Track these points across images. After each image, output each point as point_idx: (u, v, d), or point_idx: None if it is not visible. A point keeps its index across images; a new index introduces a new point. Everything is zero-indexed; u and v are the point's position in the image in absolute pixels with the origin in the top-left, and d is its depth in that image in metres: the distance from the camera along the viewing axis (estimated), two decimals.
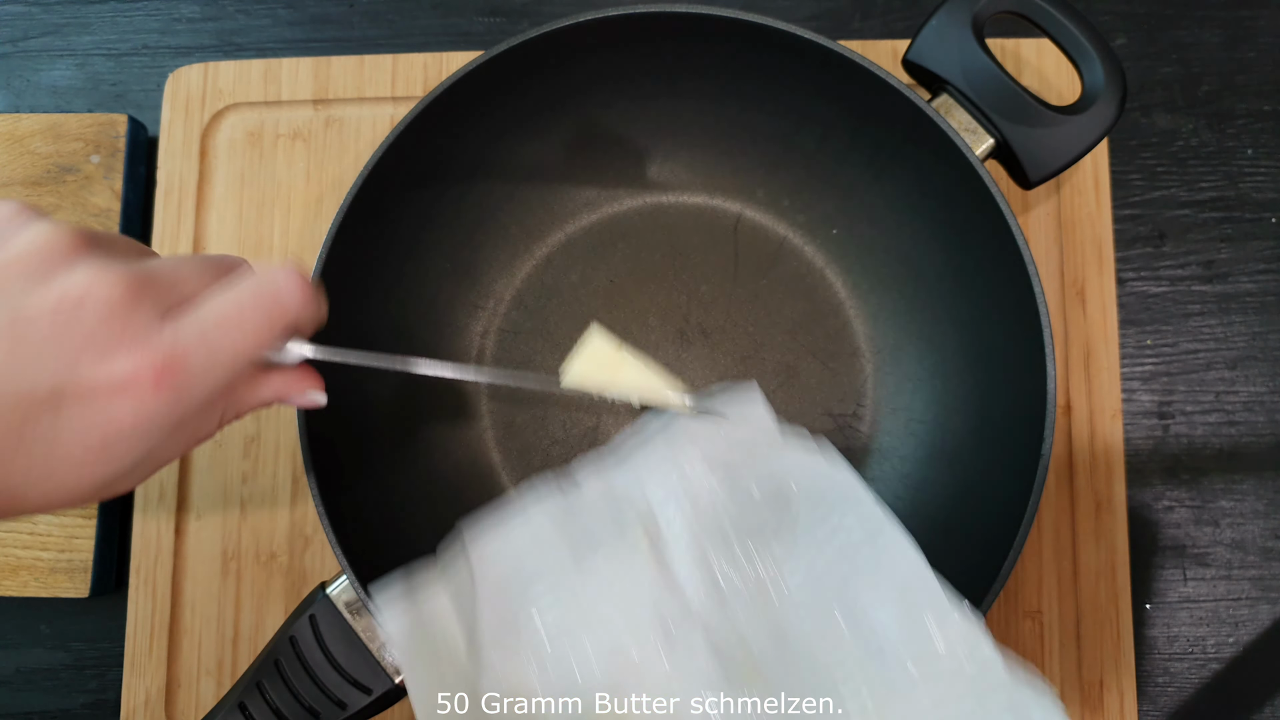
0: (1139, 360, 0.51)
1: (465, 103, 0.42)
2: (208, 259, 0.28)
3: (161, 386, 0.24)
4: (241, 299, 0.27)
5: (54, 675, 0.50)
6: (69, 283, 0.24)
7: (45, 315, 0.23)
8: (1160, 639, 0.48)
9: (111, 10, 0.56)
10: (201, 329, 0.26)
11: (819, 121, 0.46)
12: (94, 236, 0.26)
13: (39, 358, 0.23)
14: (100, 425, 0.24)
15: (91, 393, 0.24)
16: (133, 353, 0.24)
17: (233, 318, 0.26)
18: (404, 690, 0.40)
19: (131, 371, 0.24)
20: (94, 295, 0.24)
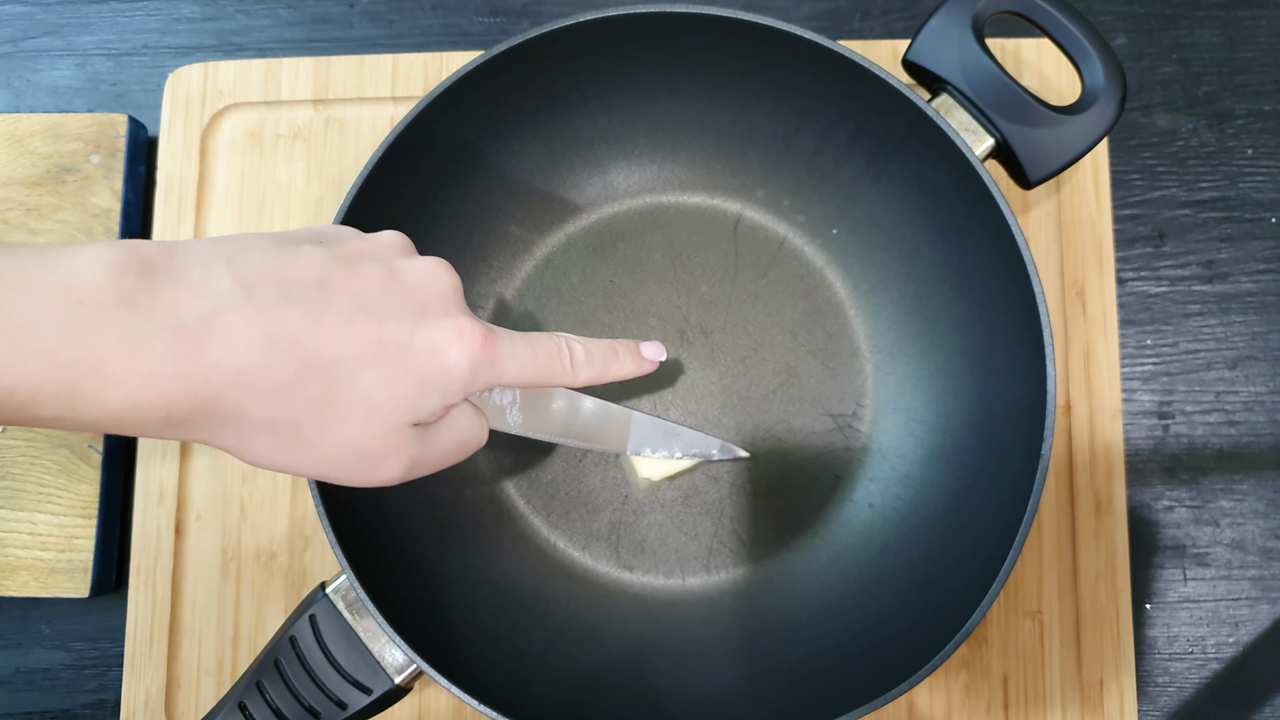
0: (1139, 360, 0.51)
1: (465, 103, 0.42)
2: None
3: (486, 348, 0.32)
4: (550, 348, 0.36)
5: (54, 675, 0.50)
6: (423, 262, 0.32)
7: (410, 278, 0.31)
8: (1160, 639, 0.48)
9: (111, 10, 0.56)
10: (513, 339, 0.34)
11: (819, 121, 0.46)
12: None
13: (403, 304, 0.31)
14: (435, 360, 0.31)
15: (437, 336, 0.31)
16: (470, 318, 0.32)
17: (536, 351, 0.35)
18: (404, 690, 0.40)
19: (468, 331, 0.31)
20: (440, 276, 0.32)
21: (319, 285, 0.29)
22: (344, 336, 0.29)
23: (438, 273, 0.32)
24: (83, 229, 0.51)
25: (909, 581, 0.43)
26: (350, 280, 0.30)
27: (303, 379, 0.28)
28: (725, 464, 0.48)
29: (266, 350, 0.28)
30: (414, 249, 0.34)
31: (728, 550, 0.47)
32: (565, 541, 0.48)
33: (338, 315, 0.29)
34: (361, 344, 0.29)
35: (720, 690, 0.44)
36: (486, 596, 0.45)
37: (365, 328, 0.29)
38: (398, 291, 0.31)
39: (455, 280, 0.33)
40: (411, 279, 0.31)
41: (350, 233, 0.33)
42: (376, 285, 0.30)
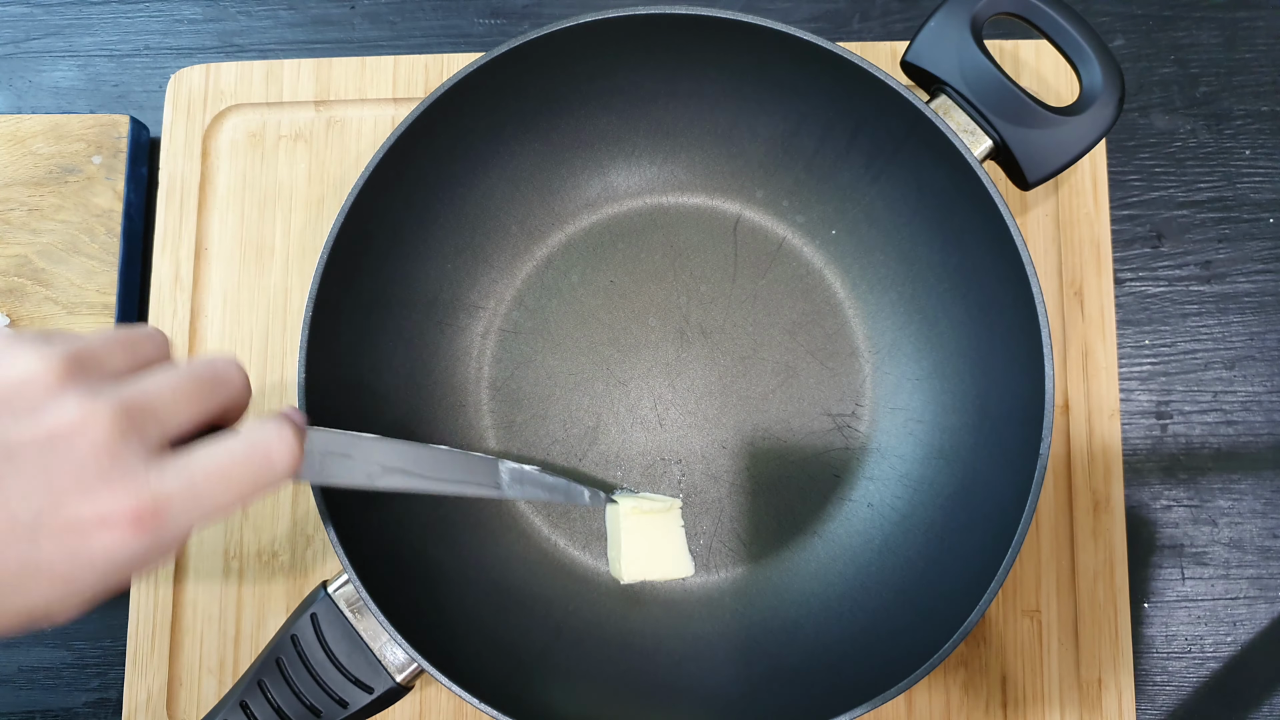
0: (1137, 360, 0.51)
1: (466, 104, 0.43)
2: (198, 378, 0.28)
3: (141, 530, 0.25)
4: (234, 456, 0.28)
5: (56, 674, 0.50)
6: (58, 416, 0.25)
7: (32, 448, 0.24)
8: (1158, 638, 0.49)
9: (113, 11, 0.56)
10: (190, 479, 0.26)
11: (818, 122, 0.46)
12: (82, 360, 0.26)
13: (23, 489, 0.24)
14: (73, 557, 0.25)
15: (71, 527, 0.25)
16: (117, 493, 0.25)
17: (221, 473, 0.27)
18: (405, 689, 0.40)
19: (113, 512, 0.25)
20: (83, 431, 0.25)
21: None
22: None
23: (76, 423, 0.25)
24: (84, 229, 0.51)
25: (907, 580, 0.44)
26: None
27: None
28: (725, 463, 0.48)
29: None
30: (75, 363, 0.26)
31: (727, 550, 0.47)
32: (565, 541, 0.48)
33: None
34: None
35: (720, 689, 0.44)
36: (487, 596, 0.45)
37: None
38: (13, 475, 0.24)
39: (105, 416, 0.25)
40: (35, 448, 0.24)
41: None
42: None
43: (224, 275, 0.51)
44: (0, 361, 0.25)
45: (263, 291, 0.51)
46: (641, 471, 0.48)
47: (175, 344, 0.50)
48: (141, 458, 0.26)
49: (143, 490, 0.25)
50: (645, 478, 0.48)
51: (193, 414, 0.28)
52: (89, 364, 0.26)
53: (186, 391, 0.28)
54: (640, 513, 0.45)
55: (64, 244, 0.51)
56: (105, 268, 0.50)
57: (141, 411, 0.26)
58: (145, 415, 0.26)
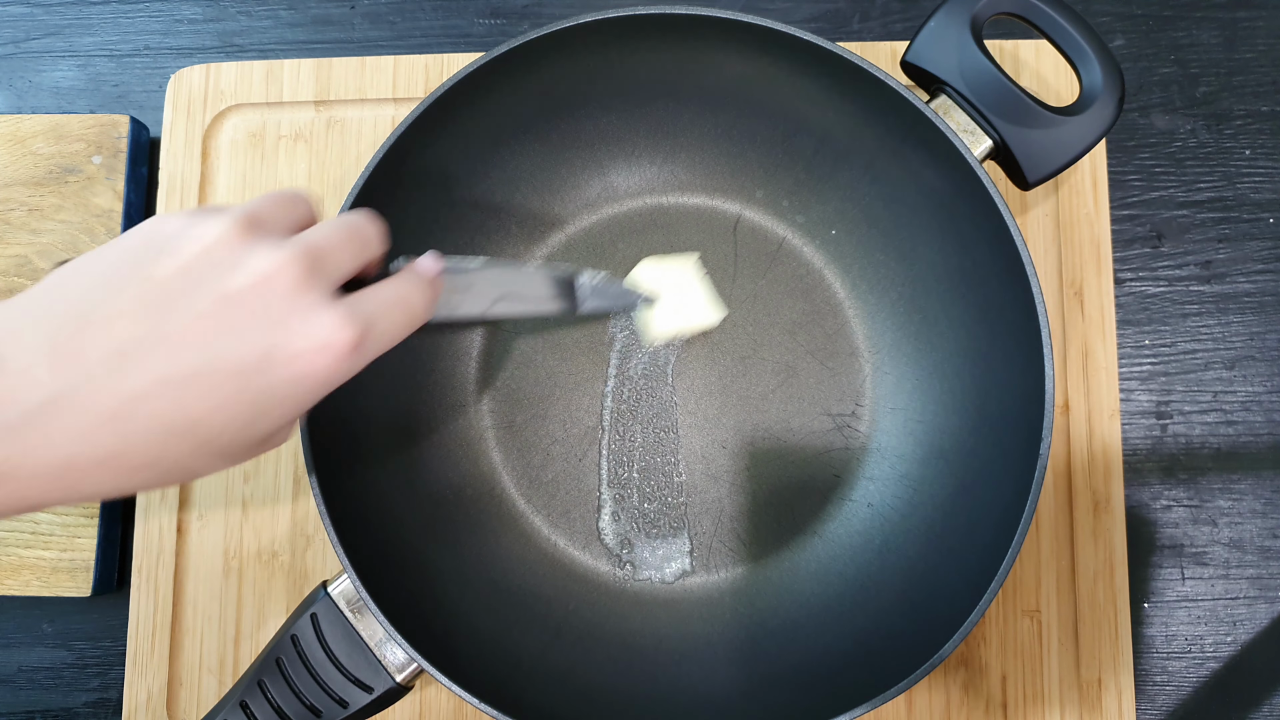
0: (1137, 360, 0.51)
1: (466, 104, 0.43)
2: (353, 230, 0.32)
3: (354, 351, 0.29)
4: (392, 298, 0.33)
5: (56, 674, 0.50)
6: (254, 265, 0.28)
7: (245, 294, 0.28)
8: (1158, 638, 0.49)
9: (113, 11, 0.56)
10: (375, 306, 0.31)
11: (818, 123, 0.46)
12: (256, 219, 0.30)
13: (251, 329, 0.28)
14: (302, 379, 0.29)
15: (296, 355, 0.28)
16: (329, 322, 0.29)
17: (395, 307, 0.32)
18: (405, 688, 0.40)
19: (331, 337, 0.29)
20: (280, 274, 0.28)
21: (151, 346, 0.27)
22: (199, 399, 0.28)
23: (275, 268, 0.28)
24: (85, 229, 0.51)
25: (908, 580, 0.44)
26: (185, 326, 0.27)
27: (169, 443, 0.28)
28: (725, 463, 0.48)
29: (121, 433, 0.27)
30: (250, 224, 0.30)
31: (727, 549, 0.47)
32: (565, 541, 0.48)
33: (184, 379, 0.27)
34: (222, 397, 0.28)
35: (720, 689, 0.44)
36: (486, 596, 0.45)
37: (218, 384, 0.28)
38: (238, 319, 0.28)
39: (294, 261, 0.29)
40: (248, 292, 0.28)
41: (172, 234, 0.29)
42: (214, 321, 0.28)
43: None
44: (192, 231, 0.29)
45: None
46: (641, 471, 0.48)
47: None
48: (327, 295, 0.30)
49: (350, 315, 0.29)
50: (644, 476, 0.48)
51: (353, 261, 0.32)
52: (262, 222, 0.30)
53: (345, 240, 0.32)
54: (659, 271, 0.46)
55: (64, 244, 0.51)
56: None
57: (319, 256, 0.30)
58: (322, 259, 0.30)
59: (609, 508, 0.48)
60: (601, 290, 0.44)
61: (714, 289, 0.46)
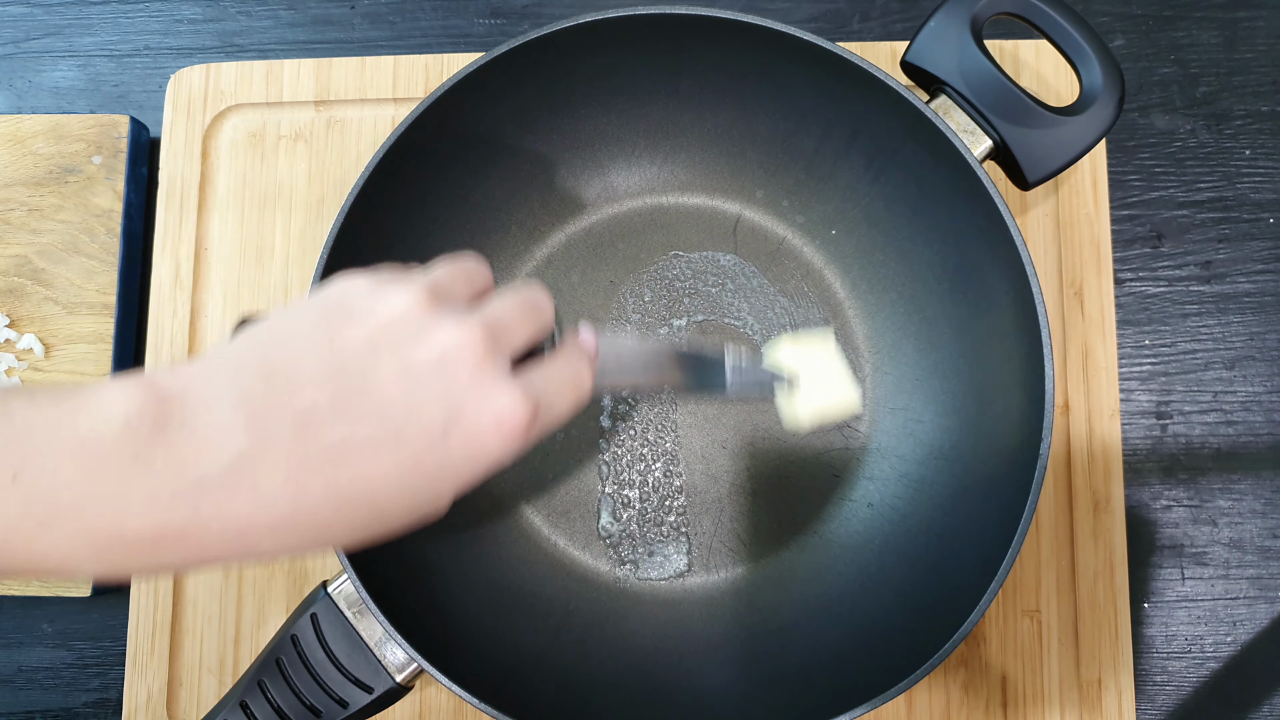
0: (1137, 360, 0.51)
1: (466, 104, 0.43)
2: (528, 304, 0.32)
3: (529, 429, 0.29)
4: (562, 375, 0.32)
5: (56, 674, 0.50)
6: (439, 339, 0.29)
7: (431, 367, 0.28)
8: (1158, 638, 0.49)
9: (113, 11, 0.56)
10: (547, 386, 0.31)
11: (818, 123, 0.46)
12: (440, 291, 0.30)
13: (433, 401, 0.28)
14: (477, 455, 0.29)
15: (473, 431, 0.28)
16: (506, 399, 0.29)
17: (566, 384, 0.32)
18: (405, 688, 0.40)
19: (508, 415, 0.29)
20: (463, 349, 0.29)
21: (334, 413, 0.27)
22: (375, 469, 0.27)
23: (459, 343, 0.29)
24: (85, 229, 0.51)
25: (908, 580, 0.44)
26: (367, 395, 0.28)
27: (342, 510, 0.27)
28: (725, 463, 0.48)
29: (297, 497, 0.26)
30: (435, 295, 0.30)
31: (727, 549, 0.47)
32: (565, 541, 0.48)
33: (363, 447, 0.27)
34: (398, 469, 0.28)
35: (720, 688, 0.44)
36: (486, 596, 0.45)
37: (394, 455, 0.28)
38: (421, 391, 0.28)
39: (478, 336, 0.29)
40: (432, 366, 0.28)
41: (360, 301, 0.29)
42: (396, 391, 0.28)
43: (224, 275, 0.51)
44: (380, 299, 0.29)
45: (263, 291, 0.51)
46: (641, 471, 0.48)
47: (178, 343, 0.50)
48: (505, 370, 0.30)
49: (527, 394, 0.29)
50: (644, 477, 0.48)
51: (526, 335, 0.32)
52: (446, 293, 0.30)
53: (522, 315, 0.32)
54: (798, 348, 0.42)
55: (64, 244, 0.51)
56: (105, 268, 0.50)
57: (499, 331, 0.30)
58: (499, 334, 0.30)
59: (609, 508, 0.48)
60: (745, 371, 0.40)
61: (849, 370, 0.42)
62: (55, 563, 0.24)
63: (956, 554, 0.42)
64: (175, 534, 0.25)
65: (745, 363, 0.40)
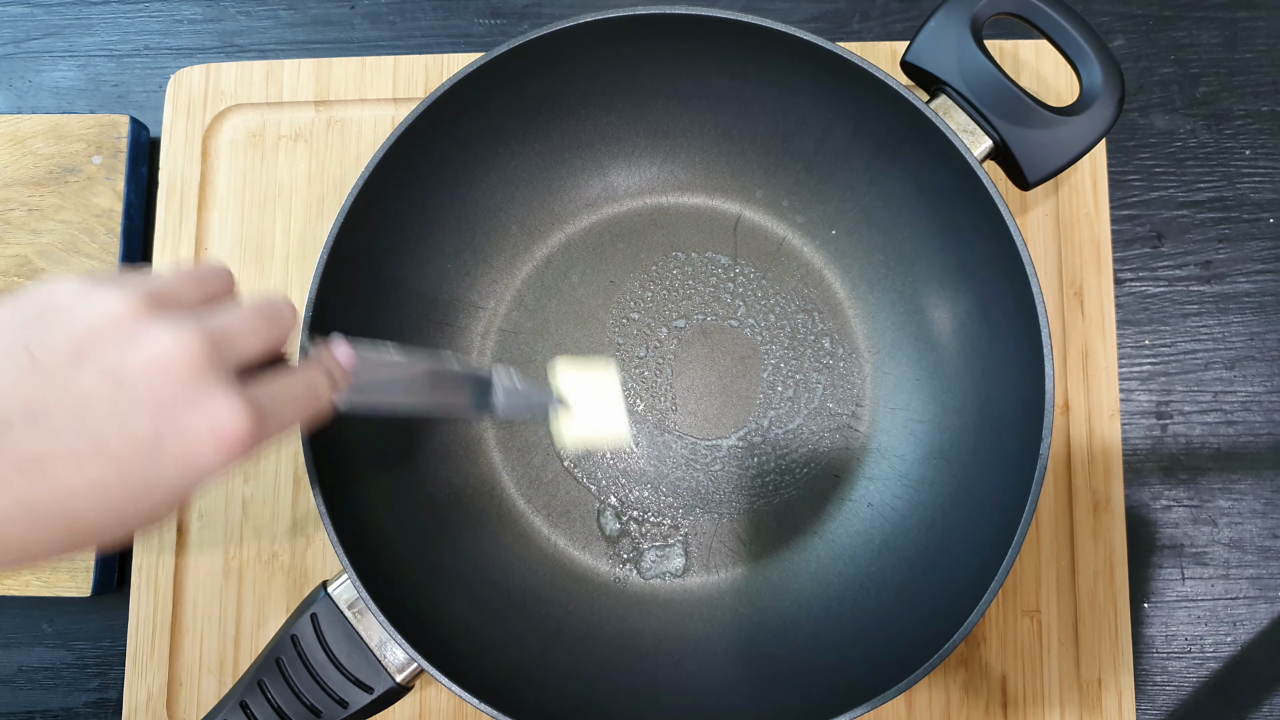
0: (1137, 360, 0.51)
1: (466, 104, 0.43)
2: (263, 314, 0.31)
3: (248, 440, 0.28)
4: (295, 388, 0.31)
5: (56, 674, 0.50)
6: (154, 344, 0.27)
7: (139, 374, 0.27)
8: (1158, 638, 0.49)
9: (113, 11, 0.56)
10: (273, 397, 0.30)
11: (818, 123, 0.46)
12: (160, 295, 0.29)
13: (141, 409, 0.27)
14: (186, 468, 0.27)
15: (185, 440, 0.27)
16: (223, 408, 0.28)
17: (288, 399, 0.31)
18: (405, 689, 0.40)
19: (223, 424, 0.27)
20: (177, 355, 0.27)
21: (28, 423, 0.25)
22: (78, 480, 0.26)
23: (173, 349, 0.27)
24: (84, 229, 0.51)
25: (908, 580, 0.44)
26: (67, 404, 0.26)
27: (35, 525, 0.26)
28: (724, 462, 0.48)
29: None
30: (152, 300, 0.28)
31: (727, 550, 0.47)
32: (565, 541, 0.48)
33: (62, 460, 0.26)
34: (101, 482, 0.26)
35: (720, 689, 0.44)
36: (486, 596, 0.45)
37: (97, 469, 0.26)
38: (128, 400, 0.26)
39: (195, 343, 0.27)
40: (142, 373, 0.27)
41: (66, 303, 0.28)
42: (100, 402, 0.26)
43: None
44: (89, 302, 0.27)
45: (263, 291, 0.51)
46: (641, 471, 0.48)
47: None
48: (229, 379, 0.28)
49: (247, 404, 0.28)
50: (644, 476, 0.48)
51: (259, 345, 0.30)
52: (167, 298, 0.29)
53: (254, 325, 0.30)
54: (579, 375, 0.42)
55: (64, 244, 0.51)
56: (105, 268, 0.50)
57: (222, 339, 0.29)
58: (225, 343, 0.29)
59: (609, 508, 0.48)
60: (516, 393, 0.40)
61: (624, 402, 0.43)
62: None
63: (957, 554, 0.42)
64: None
65: (516, 384, 0.40)
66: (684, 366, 0.49)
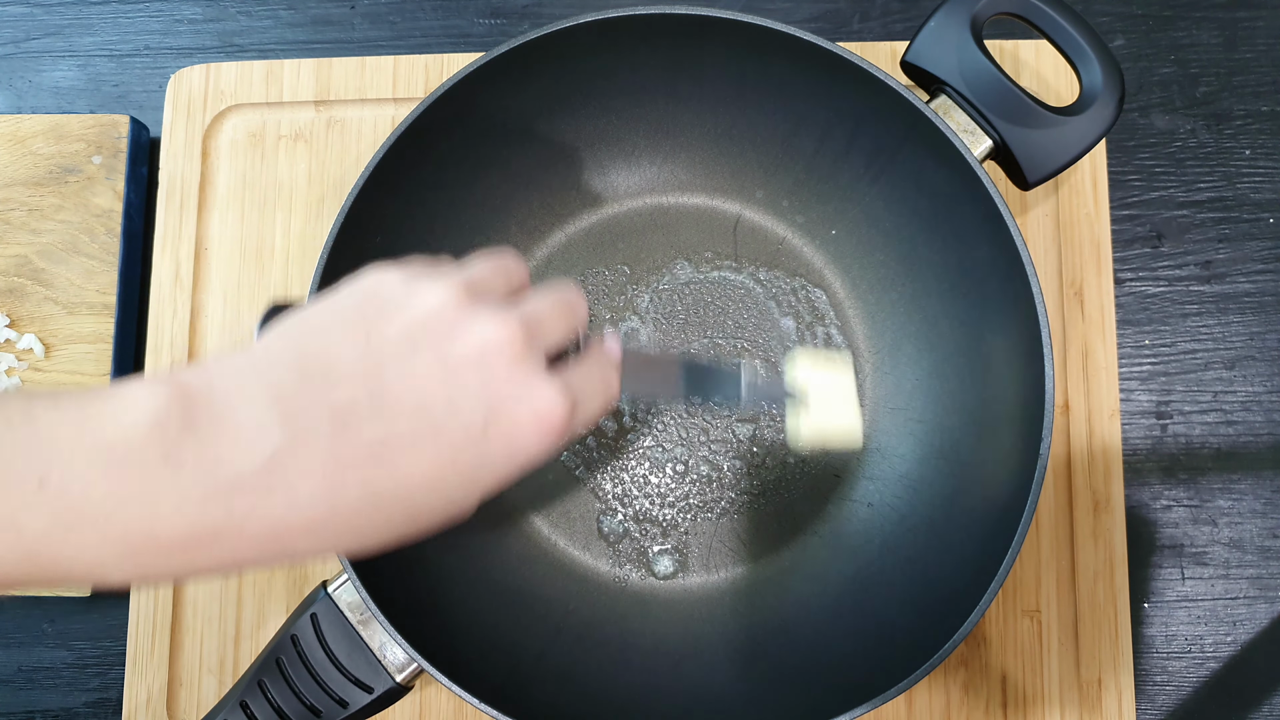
0: (1137, 360, 0.51)
1: (466, 104, 0.43)
2: (564, 302, 0.32)
3: (564, 427, 0.29)
4: (603, 369, 0.33)
5: (56, 674, 0.50)
6: (477, 334, 0.28)
7: (469, 363, 0.28)
8: (1158, 638, 0.49)
9: (113, 11, 0.56)
10: (581, 386, 0.30)
11: (818, 123, 0.46)
12: (476, 286, 0.30)
13: (472, 399, 0.27)
14: (515, 451, 0.28)
15: (512, 427, 0.28)
16: (546, 396, 0.28)
17: (598, 385, 0.32)
18: (405, 688, 0.40)
19: (547, 412, 0.28)
20: (501, 345, 0.28)
21: (372, 409, 0.26)
22: (416, 465, 0.27)
23: (497, 338, 0.28)
24: (85, 229, 0.51)
25: (908, 580, 0.44)
26: (405, 391, 0.27)
27: (378, 510, 0.27)
28: (725, 463, 0.48)
29: (333, 496, 0.26)
30: (471, 290, 0.29)
31: (727, 549, 0.47)
32: (565, 541, 0.48)
33: (401, 446, 0.27)
34: (437, 467, 0.27)
35: (720, 689, 0.44)
36: (487, 596, 0.45)
37: (433, 453, 0.27)
38: (459, 387, 0.27)
39: (515, 332, 0.28)
40: (471, 361, 0.28)
41: (394, 294, 0.29)
42: (435, 387, 0.27)
43: (224, 275, 0.51)
44: (414, 291, 0.29)
45: (263, 291, 0.51)
46: (642, 471, 0.48)
47: (178, 343, 0.50)
48: (540, 361, 0.29)
49: (564, 391, 0.29)
50: (645, 477, 0.48)
51: (562, 333, 0.31)
52: (482, 289, 0.30)
53: (557, 313, 0.31)
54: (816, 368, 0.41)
55: (64, 244, 0.51)
56: (105, 268, 0.50)
57: (536, 327, 0.30)
58: (536, 331, 0.30)
59: (609, 507, 0.48)
60: (759, 386, 0.40)
61: (859, 402, 0.42)
62: (84, 569, 0.24)
63: (957, 554, 0.42)
64: (209, 536, 0.24)
65: (760, 379, 0.41)
66: None
